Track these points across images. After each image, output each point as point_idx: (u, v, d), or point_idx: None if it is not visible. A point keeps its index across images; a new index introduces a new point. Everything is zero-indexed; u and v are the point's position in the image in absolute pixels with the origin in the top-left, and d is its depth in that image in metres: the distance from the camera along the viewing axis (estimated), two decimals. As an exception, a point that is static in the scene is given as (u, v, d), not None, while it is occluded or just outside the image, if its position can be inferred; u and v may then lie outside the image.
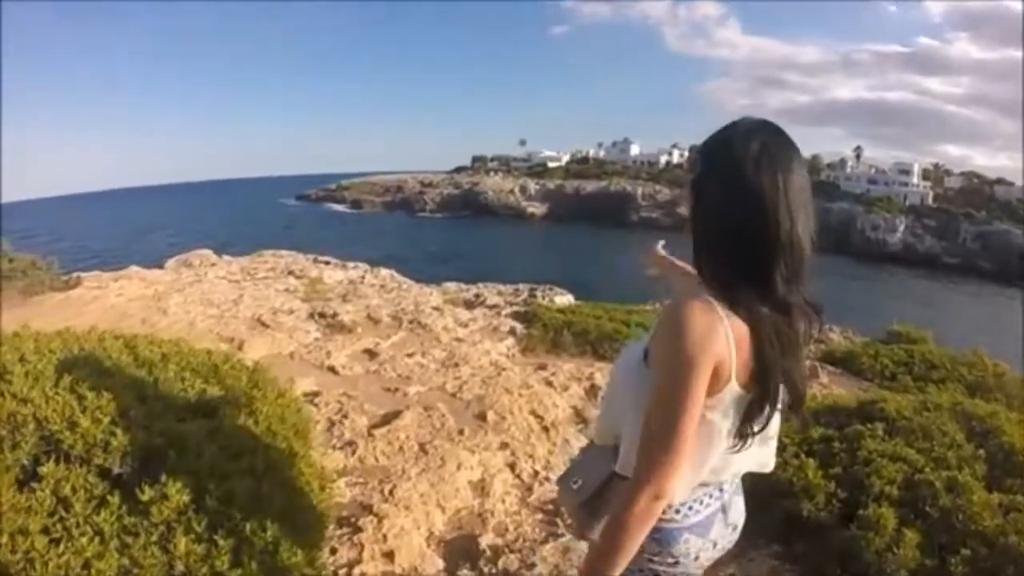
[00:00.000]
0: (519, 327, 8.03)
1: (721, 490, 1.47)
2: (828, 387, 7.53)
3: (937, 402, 4.07)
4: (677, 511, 1.40)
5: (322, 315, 7.58)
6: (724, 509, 1.48)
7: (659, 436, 1.23)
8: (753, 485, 3.28)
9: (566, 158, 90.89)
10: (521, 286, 12.24)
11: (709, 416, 1.27)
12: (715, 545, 1.48)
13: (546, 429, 4.59)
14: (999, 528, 2.70)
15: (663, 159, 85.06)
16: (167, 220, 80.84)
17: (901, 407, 3.87)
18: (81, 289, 7.51)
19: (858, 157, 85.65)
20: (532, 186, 78.34)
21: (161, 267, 10.39)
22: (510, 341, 7.37)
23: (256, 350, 5.96)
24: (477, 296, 10.45)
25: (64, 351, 2.93)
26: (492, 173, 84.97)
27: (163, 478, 2.02)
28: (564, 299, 11.34)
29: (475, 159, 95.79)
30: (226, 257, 11.90)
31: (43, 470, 2.02)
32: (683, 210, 1.49)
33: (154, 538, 1.92)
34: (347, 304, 8.25)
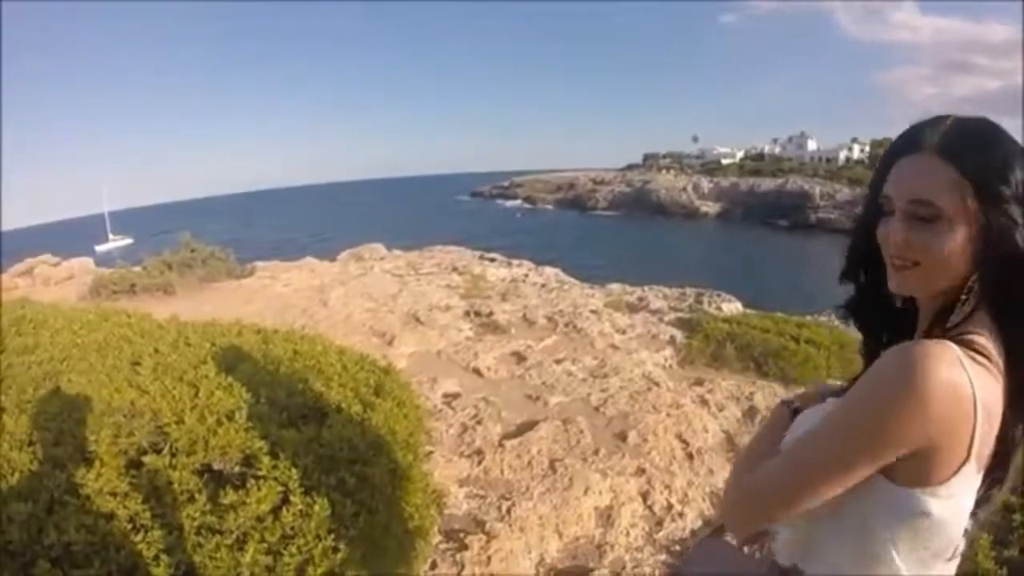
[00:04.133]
0: (679, 336, 7.57)
1: None
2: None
3: None
4: None
5: (478, 313, 7.58)
6: None
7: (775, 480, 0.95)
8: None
9: (740, 155, 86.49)
10: (688, 290, 11.62)
11: (933, 505, 0.89)
12: None
13: (690, 456, 4.18)
14: None
15: (842, 155, 78.32)
16: (348, 214, 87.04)
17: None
18: (254, 278, 8.10)
19: (1061, 149, 73.80)
20: (705, 184, 75.13)
21: (334, 259, 10.98)
22: (668, 351, 6.95)
23: (405, 346, 6.05)
24: (640, 299, 10.01)
25: (199, 344, 3.06)
26: (664, 171, 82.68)
27: (249, 484, 2.00)
28: (732, 306, 10.61)
29: (647, 156, 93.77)
30: (395, 251, 12.33)
31: (147, 459, 2.09)
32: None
33: (228, 542, 1.90)
34: (505, 303, 8.20)
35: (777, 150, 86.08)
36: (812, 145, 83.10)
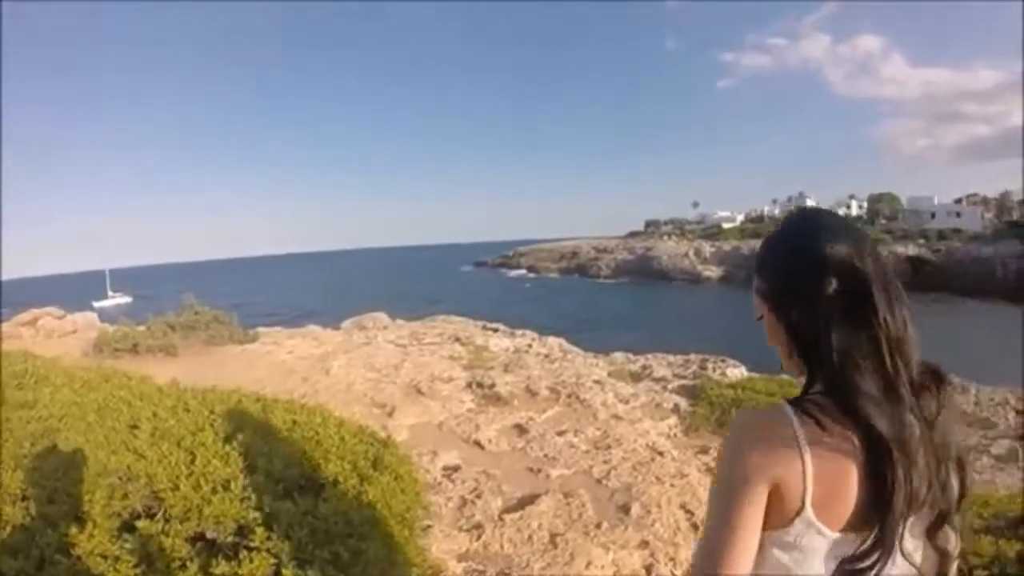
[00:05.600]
0: (684, 404, 7.50)
1: None
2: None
3: None
4: None
5: (480, 384, 7.53)
6: None
7: (698, 565, 1.01)
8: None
9: (740, 218, 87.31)
10: (692, 356, 11.56)
11: (775, 553, 1.02)
12: None
13: (695, 527, 4.09)
14: None
15: (841, 211, 79.26)
16: (352, 282, 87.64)
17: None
18: (258, 344, 8.09)
19: (1055, 190, 74.44)
20: (707, 249, 75.46)
21: (338, 327, 10.98)
22: (672, 420, 6.87)
23: (406, 418, 6.00)
24: (644, 368, 9.96)
25: (198, 411, 3.06)
26: (666, 237, 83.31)
27: (241, 554, 1.97)
28: (737, 371, 10.55)
29: (648, 223, 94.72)
30: (399, 320, 12.34)
31: (140, 524, 2.08)
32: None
33: (218, 613, 1.86)
34: (507, 374, 8.16)
35: (777, 211, 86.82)
36: (811, 204, 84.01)
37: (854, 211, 79.58)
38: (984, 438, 8.43)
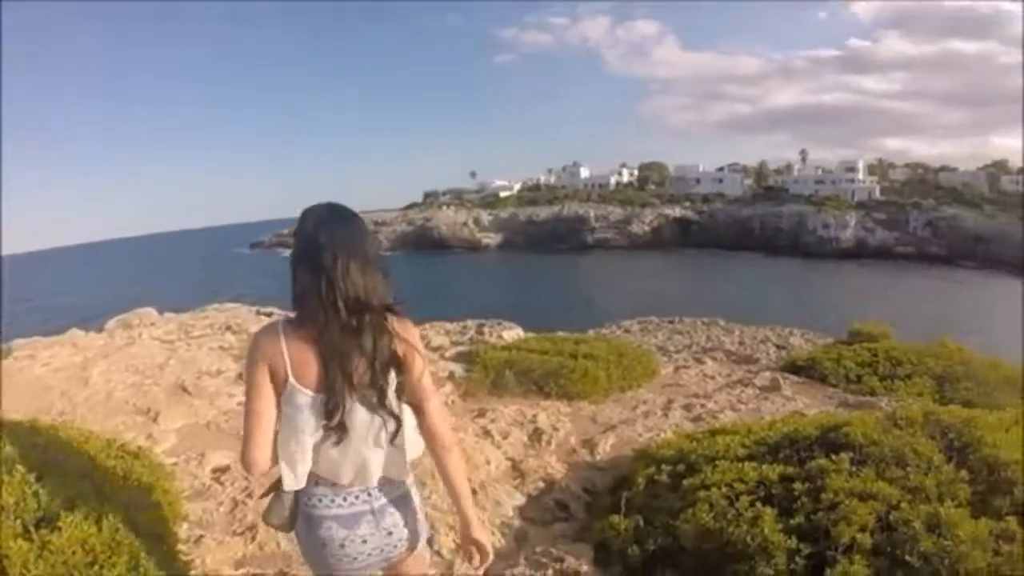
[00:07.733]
0: (460, 370, 7.74)
1: (369, 495, 1.78)
2: (792, 399, 7.32)
3: (908, 415, 3.74)
4: (320, 500, 1.75)
5: (252, 375, 7.17)
6: (374, 512, 1.79)
7: (245, 425, 1.66)
8: (700, 547, 2.96)
9: (517, 187, 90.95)
10: (469, 322, 11.91)
11: (285, 409, 1.66)
12: (365, 542, 1.77)
13: (474, 491, 4.27)
14: (992, 570, 2.43)
15: (613, 179, 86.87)
16: (123, 275, 78.91)
17: (868, 429, 3.50)
18: (11, 360, 6.99)
19: (804, 160, 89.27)
20: (485, 217, 78.28)
21: (101, 329, 9.83)
22: (448, 388, 7.07)
23: (172, 421, 5.60)
24: (421, 338, 10.08)
25: None
26: (445, 207, 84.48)
27: None
28: (513, 333, 11.05)
29: (427, 194, 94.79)
30: (167, 314, 11.37)
31: None
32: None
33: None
34: (282, 360, 7.83)
35: (552, 180, 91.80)
36: (585, 173, 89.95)
37: (625, 178, 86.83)
38: (748, 372, 9.64)
